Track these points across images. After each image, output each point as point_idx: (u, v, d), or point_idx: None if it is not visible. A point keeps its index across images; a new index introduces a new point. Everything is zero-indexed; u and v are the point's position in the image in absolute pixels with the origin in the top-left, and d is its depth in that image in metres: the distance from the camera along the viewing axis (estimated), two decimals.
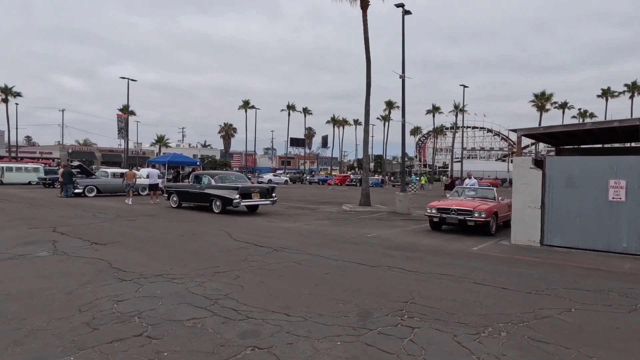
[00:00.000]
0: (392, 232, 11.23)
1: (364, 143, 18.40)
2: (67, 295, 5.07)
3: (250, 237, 9.73)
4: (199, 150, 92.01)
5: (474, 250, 8.86)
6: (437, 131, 78.85)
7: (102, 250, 7.80)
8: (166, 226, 11.34)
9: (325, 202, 22.28)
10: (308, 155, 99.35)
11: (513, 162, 10.15)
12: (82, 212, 14.18)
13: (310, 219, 13.88)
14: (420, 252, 8.46)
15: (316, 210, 17.09)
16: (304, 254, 7.84)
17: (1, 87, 48.72)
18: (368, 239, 9.93)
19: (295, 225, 12.27)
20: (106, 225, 11.15)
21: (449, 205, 11.24)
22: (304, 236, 10.14)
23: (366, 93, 17.81)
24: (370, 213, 16.32)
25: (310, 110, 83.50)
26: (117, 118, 47.10)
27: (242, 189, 14.19)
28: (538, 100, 47.98)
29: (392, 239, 10.13)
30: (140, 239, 9.24)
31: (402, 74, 16.78)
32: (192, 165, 30.54)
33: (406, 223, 13.48)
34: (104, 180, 23.20)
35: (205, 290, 5.35)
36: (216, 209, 14.69)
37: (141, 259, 7.16)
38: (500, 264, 7.47)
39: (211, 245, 8.63)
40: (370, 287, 5.74)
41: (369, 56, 17.67)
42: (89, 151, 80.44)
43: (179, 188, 16.63)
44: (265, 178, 50.70)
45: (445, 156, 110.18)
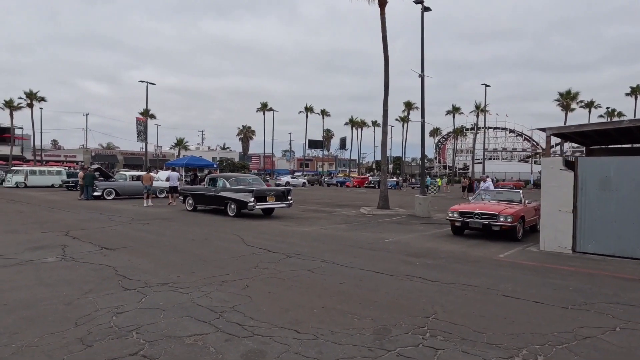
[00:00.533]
0: (412, 237, 10.72)
1: (382, 144, 17.90)
2: (65, 306, 4.80)
3: (263, 242, 9.39)
4: (218, 152, 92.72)
5: (500, 257, 8.29)
6: (457, 132, 77.39)
7: (111, 256, 7.57)
8: (179, 230, 11.11)
9: (342, 204, 21.84)
10: (326, 157, 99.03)
11: (541, 163, 9.53)
12: (98, 215, 14.13)
13: (326, 223, 13.48)
14: (441, 259, 7.95)
15: (333, 214, 16.67)
16: (318, 261, 7.44)
17: (26, 92, 50.06)
18: (386, 245, 9.47)
19: (311, 229, 11.89)
20: (119, 229, 10.99)
21: (472, 209, 10.67)
22: (319, 241, 9.74)
23: (384, 93, 17.31)
24: (388, 216, 15.81)
25: (328, 112, 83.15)
26: (137, 121, 47.70)
27: (256, 191, 13.90)
28: (563, 99, 46.39)
29: (411, 244, 9.64)
30: (151, 243, 9.01)
31: (421, 72, 16.24)
32: (210, 167, 30.54)
33: (426, 227, 12.93)
34: (122, 183, 23.32)
35: (211, 302, 5.01)
36: (231, 212, 14.43)
37: (149, 265, 6.89)
38: (530, 274, 6.91)
39: (222, 250, 8.31)
40: (388, 299, 5.30)
41: (387, 55, 17.18)
42: (111, 154, 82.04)
43: (194, 191, 16.47)
44: (283, 180, 50.55)
45: (465, 157, 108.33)
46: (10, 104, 50.91)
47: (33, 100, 50.40)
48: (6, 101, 50.88)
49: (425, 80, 16.45)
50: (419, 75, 16.23)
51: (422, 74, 16.18)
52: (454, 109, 64.02)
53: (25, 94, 50.15)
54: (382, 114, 17.41)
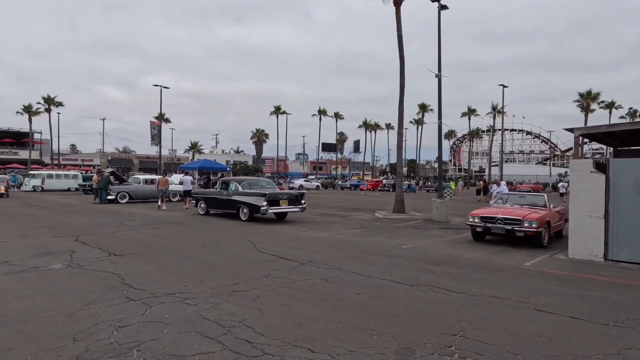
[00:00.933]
0: (430, 243, 10.27)
1: (397, 147, 17.45)
2: (65, 318, 4.52)
3: (276, 248, 9.06)
4: (232, 156, 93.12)
5: (526, 266, 7.80)
6: (472, 134, 76.21)
7: (119, 263, 7.32)
8: (190, 235, 10.86)
9: (357, 208, 21.41)
10: (340, 160, 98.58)
11: (570, 165, 8.99)
12: (110, 220, 14.00)
13: (341, 228, 13.09)
14: (464, 267, 7.50)
15: (348, 218, 16.28)
16: (333, 269, 7.07)
17: (44, 97, 50.94)
18: (404, 251, 9.04)
19: (325, 234, 11.52)
20: (130, 234, 10.79)
21: (494, 214, 10.17)
22: (333, 247, 9.37)
23: (400, 94, 16.88)
24: (405, 221, 15.35)
25: (341, 115, 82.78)
26: (151, 125, 48.05)
27: (269, 195, 13.59)
28: (583, 99, 45.14)
29: (430, 251, 9.19)
30: (160, 249, 8.75)
31: (438, 72, 15.77)
32: (222, 171, 30.46)
33: (445, 232, 12.44)
34: (135, 187, 23.32)
35: (219, 315, 4.68)
36: (243, 217, 14.16)
37: (157, 273, 6.61)
38: (561, 284, 6.42)
39: (233, 257, 8.00)
40: (409, 313, 4.90)
41: (402, 55, 16.76)
42: (127, 158, 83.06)
43: (206, 195, 16.26)
44: (297, 183, 50.34)
45: (481, 160, 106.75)
46: (29, 109, 51.85)
47: (51, 105, 51.26)
48: (25, 106, 51.84)
49: (442, 81, 15.98)
50: (436, 75, 15.76)
51: (439, 74, 15.71)
52: (470, 110, 63.01)
53: (43, 99, 51.03)
54: (398, 115, 16.97)
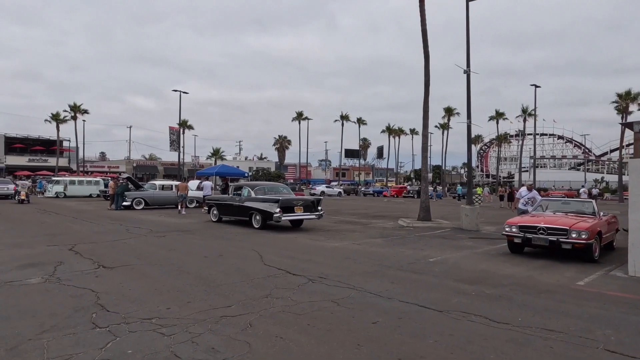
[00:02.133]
0: (461, 256, 9.04)
1: (422, 149, 16.23)
2: (5, 353, 3.63)
3: (284, 260, 8.05)
4: (255, 162, 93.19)
5: (580, 285, 6.51)
6: (500, 139, 73.47)
7: (104, 277, 6.47)
8: (194, 245, 9.99)
9: (379, 215, 20.22)
10: (363, 166, 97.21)
11: (629, 166, 7.65)
12: (118, 227, 13.34)
13: (360, 237, 11.99)
14: (503, 287, 6.28)
15: (368, 226, 15.14)
16: (346, 288, 6.00)
17: (71, 105, 51.97)
18: (430, 266, 7.86)
19: (341, 244, 10.45)
20: (131, 243, 10.01)
21: (535, 223, 8.87)
22: (350, 260, 8.28)
23: (424, 92, 15.70)
24: (431, 229, 14.09)
25: (364, 121, 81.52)
26: (170, 131, 48.15)
27: (283, 201, 12.63)
28: (622, 100, 42.47)
29: (461, 265, 7.98)
30: (157, 261, 7.88)
31: (466, 68, 14.53)
32: (240, 176, 29.84)
33: (476, 243, 11.16)
34: (151, 193, 22.84)
35: (194, 351, 3.69)
36: (256, 224, 13.24)
37: (141, 291, 5.70)
38: (631, 312, 5.14)
39: (234, 271, 7.03)
40: (440, 352, 3.78)
41: (427, 51, 15.60)
42: (152, 165, 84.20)
43: (218, 201, 15.46)
44: (318, 190, 49.38)
45: (509, 165, 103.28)
46: (56, 117, 52.99)
47: (77, 113, 52.23)
48: (53, 114, 53.03)
49: (470, 78, 14.72)
50: (465, 71, 14.52)
51: (468, 70, 14.46)
52: (498, 114, 60.67)
53: (70, 107, 52.07)
54: (422, 115, 15.78)
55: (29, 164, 64.43)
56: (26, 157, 66.92)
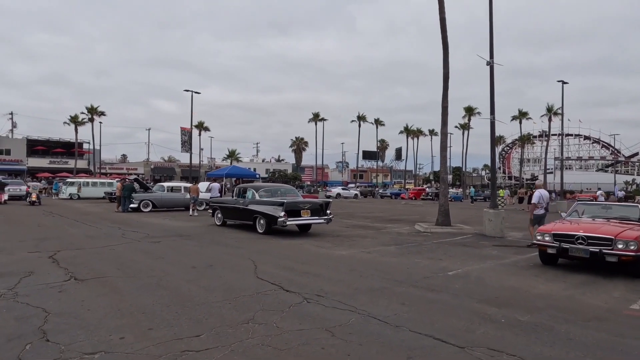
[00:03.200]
0: (485, 268, 7.89)
1: (441, 149, 15.05)
2: None
3: (281, 272, 7.08)
4: (272, 164, 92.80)
5: (635, 310, 5.31)
6: (523, 139, 70.96)
7: (68, 293, 5.61)
8: (187, 252, 9.11)
9: (395, 219, 19.06)
10: (381, 168, 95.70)
11: None
12: (115, 231, 12.62)
13: (372, 244, 10.92)
14: (540, 311, 5.15)
15: (382, 231, 14.04)
16: (346, 311, 4.97)
17: (88, 108, 52.38)
18: (449, 281, 6.76)
19: (349, 253, 9.40)
20: (119, 250, 9.19)
21: (573, 231, 7.66)
22: (356, 272, 7.24)
23: (443, 87, 14.53)
24: (450, 235, 12.90)
25: (382, 121, 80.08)
26: (181, 131, 47.82)
27: (287, 204, 11.66)
28: None
29: (486, 280, 6.85)
30: (137, 272, 7.01)
31: (489, 59, 13.30)
32: (252, 178, 29.06)
33: (502, 252, 9.96)
34: (159, 195, 22.22)
35: None
36: (260, 229, 12.32)
37: (101, 312, 4.81)
38: None
39: (219, 286, 6.09)
40: None
41: (446, 41, 14.43)
42: (170, 167, 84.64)
43: (222, 203, 14.60)
44: (334, 192, 48.40)
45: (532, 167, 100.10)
46: (75, 119, 53.49)
47: (94, 115, 52.59)
48: (71, 117, 53.57)
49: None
50: (487, 62, 13.29)
51: (491, 61, 13.23)
52: (521, 114, 58.47)
53: (87, 109, 52.48)
54: (441, 111, 14.60)
55: (50, 166, 65.45)
56: (47, 159, 68.02)
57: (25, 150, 66.46)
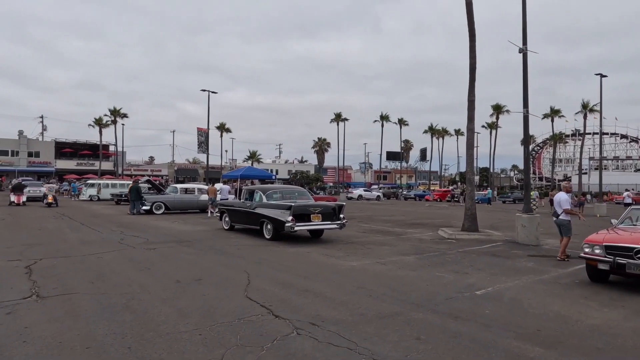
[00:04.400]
0: (521, 286, 6.62)
1: (467, 147, 13.70)
2: None
3: (276, 289, 6.03)
4: (294, 165, 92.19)
5: None
6: (555, 138, 67.67)
7: (16, 315, 4.74)
8: (178, 262, 8.18)
9: (417, 223, 17.75)
10: (405, 169, 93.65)
11: None
12: (116, 235, 11.89)
13: (388, 252, 9.74)
14: (601, 354, 3.91)
15: (402, 237, 12.82)
16: (343, 349, 3.87)
17: (110, 110, 52.99)
18: (478, 304, 5.55)
19: (361, 264, 8.27)
20: (106, 259, 8.35)
21: (631, 242, 6.31)
22: (365, 291, 6.11)
23: (470, 78, 13.18)
24: (478, 243, 11.56)
25: (406, 121, 78.28)
26: (198, 132, 47.52)
27: (296, 208, 10.62)
28: None
29: (524, 304, 5.60)
30: (112, 287, 6.10)
31: (523, 46, 11.90)
32: (267, 179, 28.20)
33: (539, 264, 8.61)
34: (172, 197, 21.62)
35: None
36: (267, 234, 11.33)
37: (36, 344, 3.88)
38: None
39: (196, 310, 5.08)
40: None
41: (472, 28, 13.08)
42: (193, 168, 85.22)
43: (229, 206, 13.70)
44: (355, 193, 47.17)
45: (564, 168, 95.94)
46: (99, 121, 54.22)
47: (117, 117, 53.13)
48: (96, 119, 54.33)
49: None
50: (520, 49, 11.88)
51: (525, 48, 11.82)
52: (553, 111, 55.63)
53: (110, 111, 53.09)
54: (468, 105, 13.26)
55: (77, 168, 66.86)
56: (75, 160, 69.56)
57: (53, 152, 68.13)
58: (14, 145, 65.03)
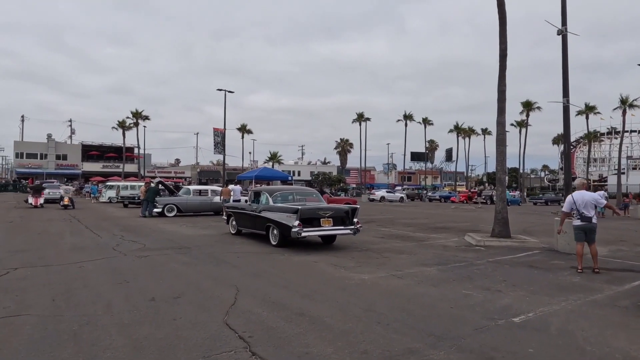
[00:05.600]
0: (570, 311, 5.32)
1: (496, 142, 12.29)
2: None
3: (264, 312, 4.97)
4: (316, 167, 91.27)
5: None
6: (590, 137, 64.18)
7: None
8: (163, 274, 7.23)
9: (441, 227, 16.39)
10: (430, 169, 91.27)
11: None
12: (112, 241, 11.13)
13: (407, 262, 8.54)
14: None
15: (424, 243, 11.56)
16: None
17: (133, 112, 53.34)
18: (517, 337, 4.31)
19: (374, 277, 7.11)
20: (87, 269, 7.50)
21: None
22: (373, 316, 4.97)
23: (499, 66, 11.79)
24: (511, 251, 10.19)
25: (430, 121, 76.07)
26: (214, 132, 47.04)
27: (303, 212, 9.55)
28: None
29: (578, 337, 4.33)
30: (71, 306, 5.18)
31: (562, 27, 10.48)
32: (283, 179, 27.24)
33: (588, 279, 7.23)
34: (185, 199, 20.93)
35: None
36: (273, 240, 10.32)
37: None
38: None
39: (157, 341, 4.06)
40: None
41: (502, 11, 11.66)
42: (216, 170, 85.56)
43: (236, 209, 12.74)
44: (378, 195, 45.80)
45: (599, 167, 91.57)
46: (122, 124, 54.76)
47: (138, 119, 53.49)
48: (119, 122, 54.87)
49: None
50: (559, 31, 10.46)
51: (564, 29, 10.40)
52: (588, 108, 52.55)
53: (132, 114, 53.47)
54: (498, 96, 11.87)
55: (102, 170, 68.07)
56: (101, 163, 70.91)
57: (80, 155, 69.59)
58: (43, 149, 66.78)
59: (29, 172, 63.28)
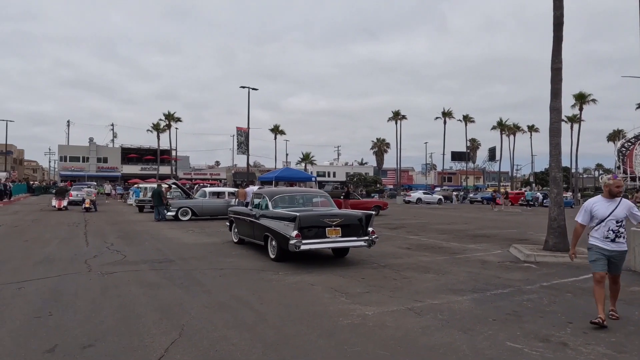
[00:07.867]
0: None
1: (550, 133, 9.97)
2: None
3: None
4: (352, 168, 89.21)
5: None
6: None
7: None
8: (110, 300, 5.65)
9: (481, 235, 14.08)
10: (472, 170, 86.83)
11: None
12: (93, 251, 9.84)
13: (431, 288, 6.54)
14: None
15: (458, 257, 9.45)
16: None
17: (165, 114, 53.64)
18: None
19: (381, 311, 5.20)
20: (25, 291, 6.08)
21: None
22: None
23: (554, 37, 9.46)
24: (571, 271, 7.91)
25: (472, 118, 72.03)
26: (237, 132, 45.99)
27: (303, 219, 7.75)
28: None
29: None
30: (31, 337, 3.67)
31: None
32: (307, 180, 25.54)
33: None
34: (200, 201, 19.69)
35: None
36: (271, 253, 8.60)
37: None
38: None
39: None
40: None
41: None
42: (250, 172, 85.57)
43: (236, 214, 11.13)
44: (414, 196, 43.25)
45: None
46: (157, 127, 55.23)
47: (171, 121, 53.70)
48: (154, 124, 55.37)
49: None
50: None
51: None
52: None
53: (165, 116, 53.77)
54: (551, 76, 9.57)
55: (141, 172, 69.32)
56: (139, 165, 72.34)
57: (119, 157, 71.31)
58: (85, 152, 68.95)
59: (72, 174, 65.41)
